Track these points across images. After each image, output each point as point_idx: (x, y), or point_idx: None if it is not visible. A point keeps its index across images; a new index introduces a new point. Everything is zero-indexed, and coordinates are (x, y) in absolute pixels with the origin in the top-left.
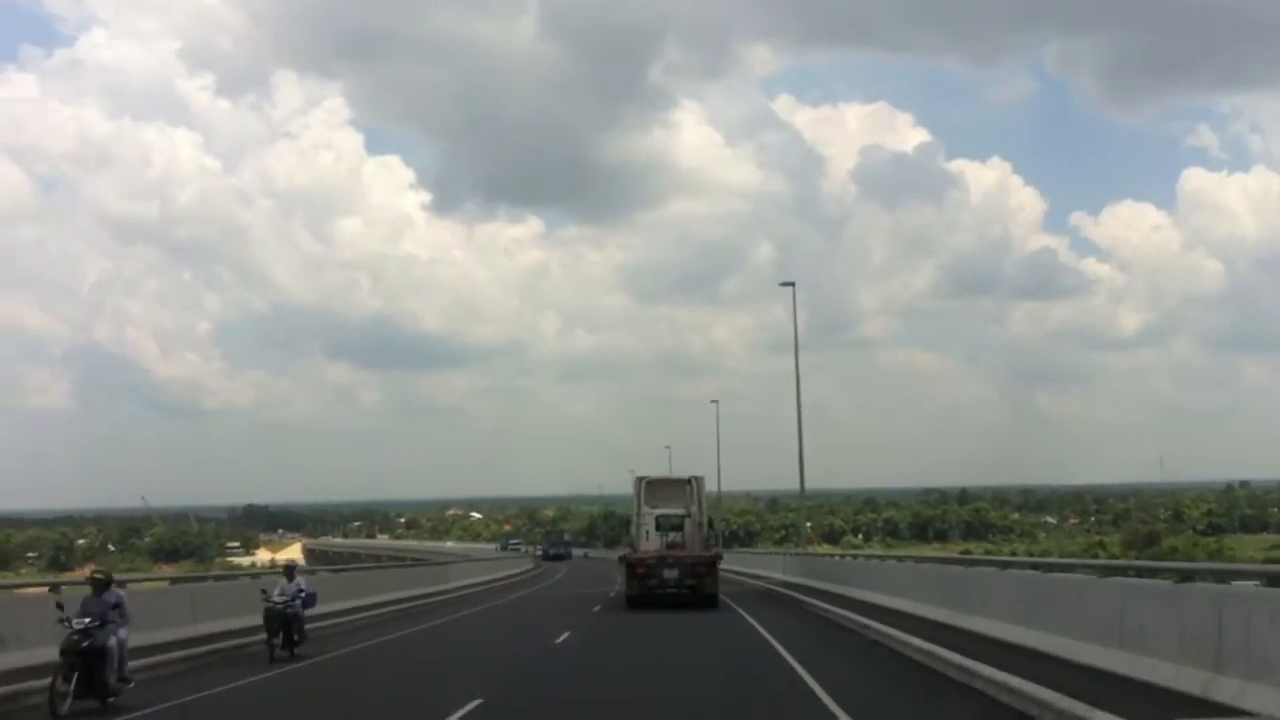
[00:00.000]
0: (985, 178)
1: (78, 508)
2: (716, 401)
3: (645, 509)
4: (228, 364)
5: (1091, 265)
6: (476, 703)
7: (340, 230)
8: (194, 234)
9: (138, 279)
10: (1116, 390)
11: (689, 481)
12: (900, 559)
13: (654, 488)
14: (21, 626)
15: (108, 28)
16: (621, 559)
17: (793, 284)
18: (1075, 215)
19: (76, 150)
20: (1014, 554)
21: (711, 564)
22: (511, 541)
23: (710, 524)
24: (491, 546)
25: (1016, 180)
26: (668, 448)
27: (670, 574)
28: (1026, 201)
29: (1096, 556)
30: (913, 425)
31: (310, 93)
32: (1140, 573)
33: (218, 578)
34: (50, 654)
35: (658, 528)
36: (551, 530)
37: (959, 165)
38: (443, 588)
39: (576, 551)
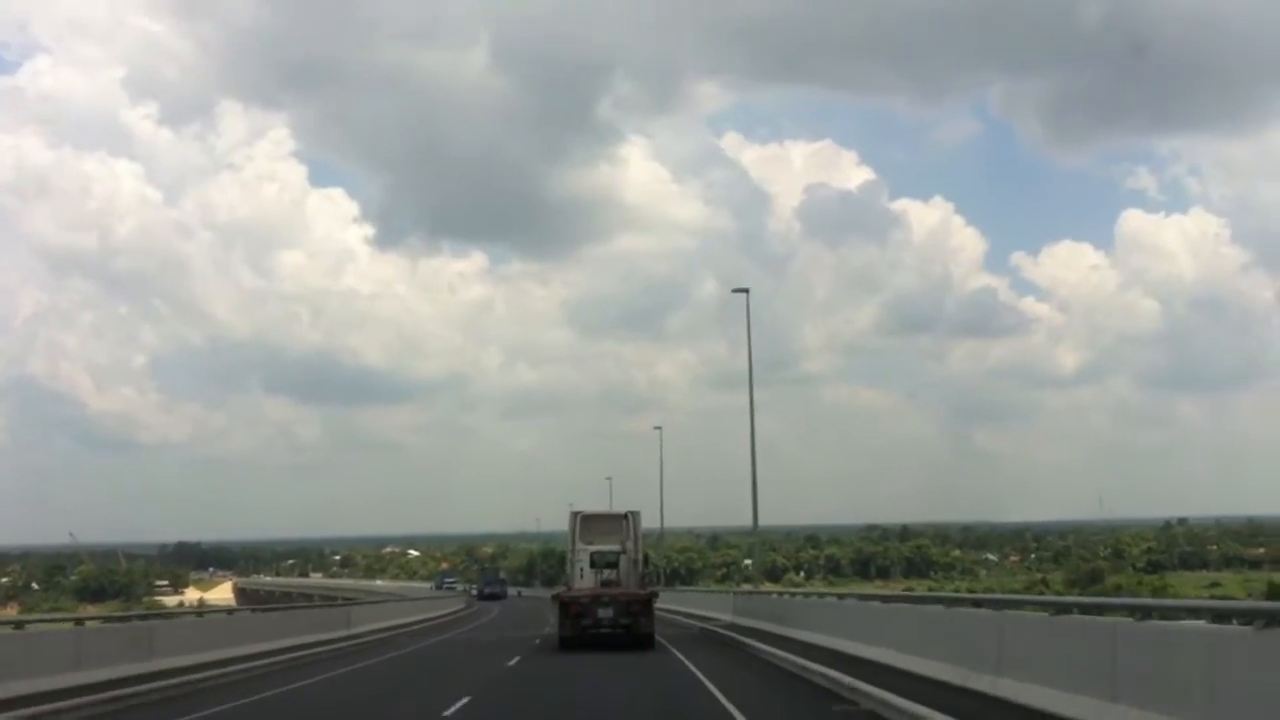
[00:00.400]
0: (928, 217)
1: (7, 545)
2: (659, 428)
3: (580, 545)
4: (164, 398)
5: (1031, 304)
6: None
7: (281, 263)
8: (132, 266)
9: (74, 311)
10: (1055, 428)
11: (625, 517)
12: (886, 598)
13: (589, 523)
14: None
15: (51, 54)
16: (554, 597)
17: (746, 290)
18: (1015, 255)
19: (14, 180)
20: (957, 590)
21: (647, 602)
22: (447, 580)
23: (646, 560)
24: (427, 585)
25: (959, 220)
26: (609, 479)
27: (605, 613)
28: (968, 241)
29: (1042, 594)
30: (855, 461)
31: (255, 123)
32: None
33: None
34: None
35: (592, 564)
36: (487, 567)
37: (902, 204)
38: (341, 634)
39: (511, 590)
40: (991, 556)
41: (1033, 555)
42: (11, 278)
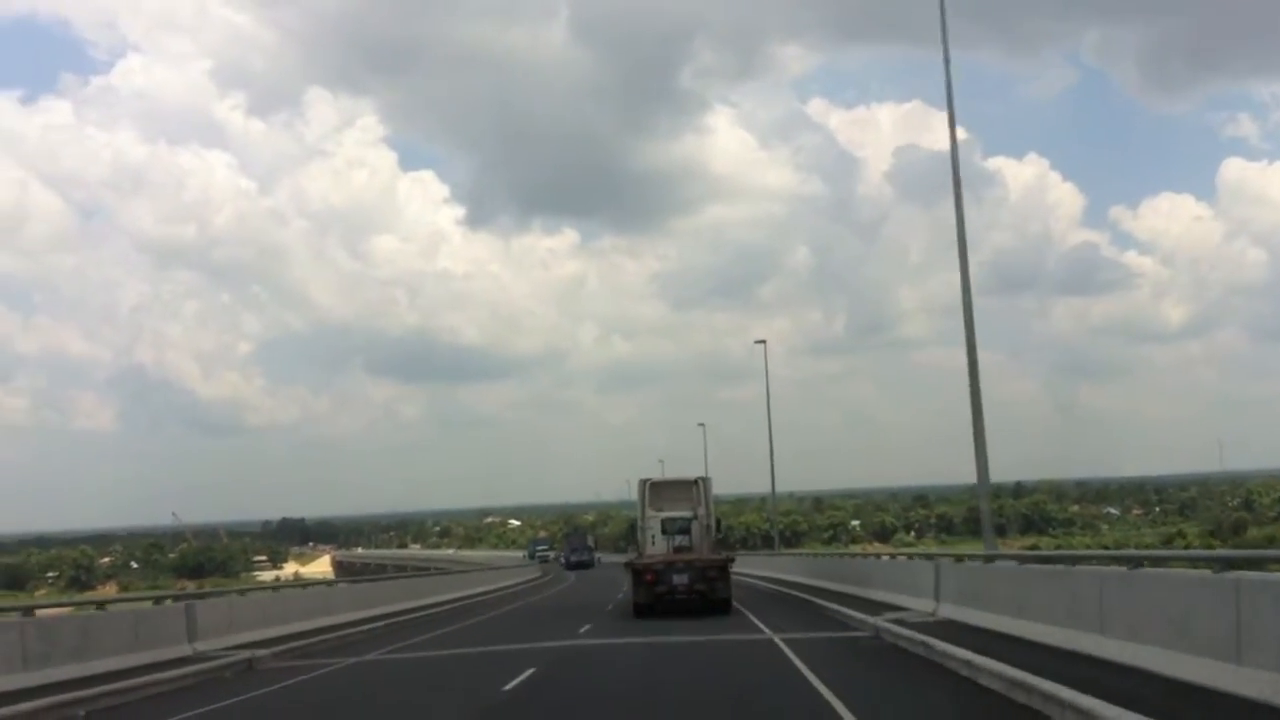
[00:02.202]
0: (1023, 174)
1: (115, 527)
2: (763, 341)
3: (650, 512)
4: (269, 382)
5: (1133, 258)
6: None
7: (376, 247)
8: (231, 255)
9: (177, 301)
10: (1164, 382)
11: (695, 483)
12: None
13: (658, 490)
14: None
15: (141, 52)
16: (627, 565)
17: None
18: (1114, 209)
19: (113, 176)
20: (1089, 546)
21: (723, 567)
22: (539, 548)
23: (718, 525)
24: (520, 554)
25: (1055, 176)
26: (701, 425)
27: (680, 579)
28: (1065, 197)
29: (1188, 549)
30: (956, 422)
31: (343, 110)
32: None
33: None
34: None
35: (664, 531)
36: (573, 532)
37: (996, 162)
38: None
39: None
40: (1113, 510)
41: (1157, 508)
42: (116, 271)
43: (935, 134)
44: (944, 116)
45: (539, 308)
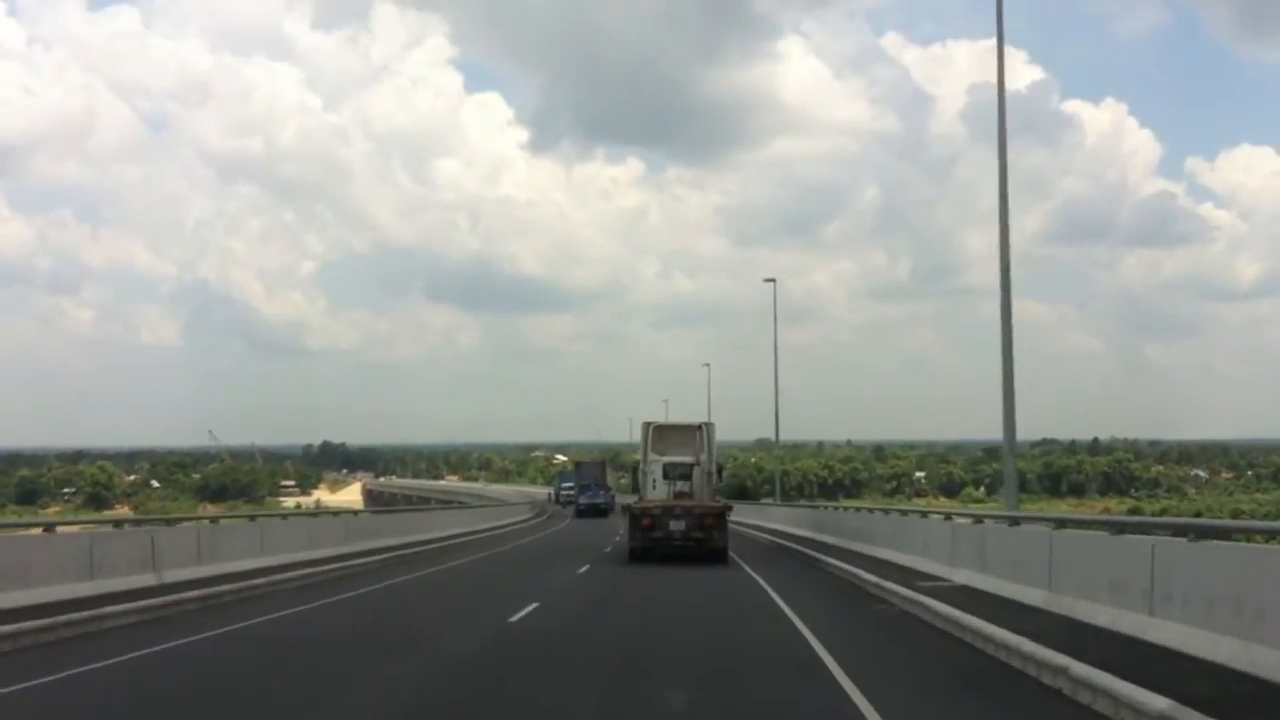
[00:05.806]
0: (1100, 119)
1: (156, 445)
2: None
3: (652, 455)
4: (331, 304)
5: (1209, 211)
6: None
7: (439, 171)
8: (296, 172)
9: (242, 217)
10: (1233, 341)
11: (699, 428)
12: None
13: (662, 434)
14: None
15: None
16: (625, 509)
17: None
18: (1191, 160)
19: (179, 87)
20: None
21: (721, 515)
22: (564, 485)
23: (719, 473)
24: (547, 490)
25: (1132, 122)
26: (773, 286)
27: (677, 526)
28: (1142, 144)
29: None
30: (1022, 375)
31: (410, 27)
32: None
33: None
34: None
35: (665, 476)
36: (582, 466)
37: (1074, 106)
38: None
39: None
40: (1200, 472)
41: (1249, 473)
42: (181, 184)
43: (1013, 73)
44: (1023, 55)
45: (599, 239)
